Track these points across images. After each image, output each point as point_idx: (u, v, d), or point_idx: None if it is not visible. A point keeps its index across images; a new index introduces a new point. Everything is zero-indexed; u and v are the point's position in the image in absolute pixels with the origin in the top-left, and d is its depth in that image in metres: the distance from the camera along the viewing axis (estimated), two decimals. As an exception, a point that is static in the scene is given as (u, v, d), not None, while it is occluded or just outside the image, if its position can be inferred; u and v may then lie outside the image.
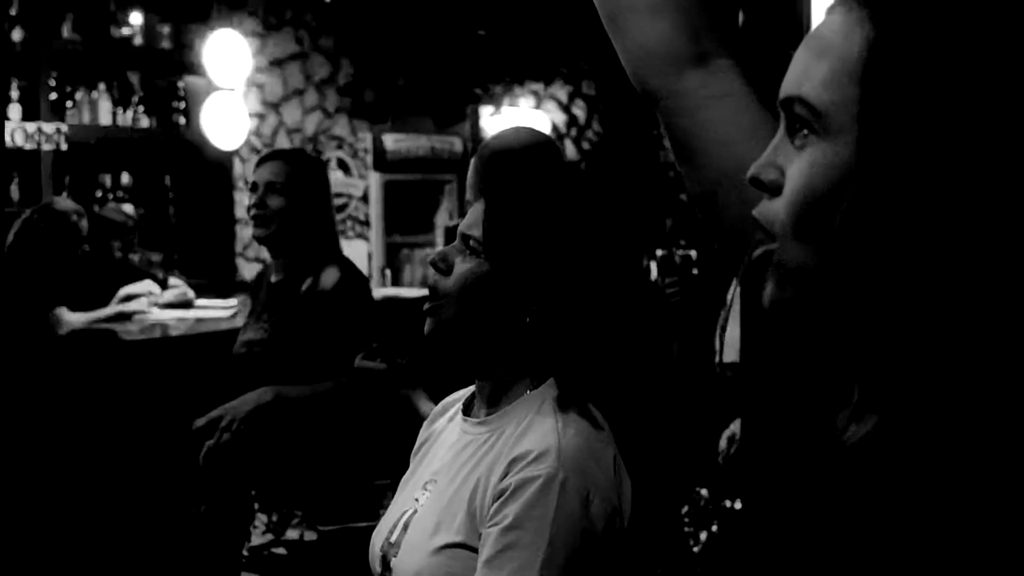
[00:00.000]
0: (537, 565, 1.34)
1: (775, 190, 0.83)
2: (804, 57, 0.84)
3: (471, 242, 1.54)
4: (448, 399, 1.72)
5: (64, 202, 4.67)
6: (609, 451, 1.45)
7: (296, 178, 2.94)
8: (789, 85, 0.84)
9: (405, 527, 1.52)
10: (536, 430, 1.44)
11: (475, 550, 1.42)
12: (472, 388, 1.62)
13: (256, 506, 2.93)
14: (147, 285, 4.62)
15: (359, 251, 6.70)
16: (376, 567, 1.56)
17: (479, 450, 1.49)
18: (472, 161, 2.27)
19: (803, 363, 0.88)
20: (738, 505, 2.28)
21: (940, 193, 0.75)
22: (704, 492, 2.41)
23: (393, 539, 1.53)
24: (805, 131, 0.82)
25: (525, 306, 1.49)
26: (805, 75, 0.82)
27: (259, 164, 3.01)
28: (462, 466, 1.50)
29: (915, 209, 0.76)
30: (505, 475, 1.40)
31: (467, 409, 1.61)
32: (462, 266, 1.54)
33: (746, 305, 1.03)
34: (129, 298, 4.52)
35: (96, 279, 4.57)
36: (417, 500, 1.54)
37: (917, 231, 0.76)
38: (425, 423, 1.73)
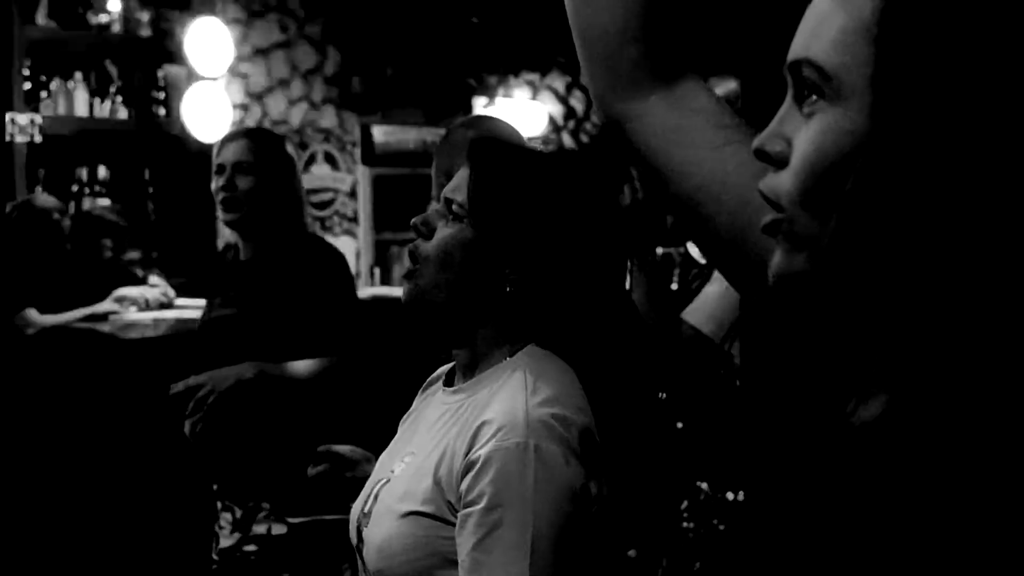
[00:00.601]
0: (528, 541, 1.37)
1: (782, 162, 0.83)
2: (813, 18, 0.82)
3: (454, 206, 1.57)
4: (439, 371, 1.76)
5: (45, 199, 4.69)
6: (583, 418, 1.49)
7: (264, 156, 2.96)
8: (797, 48, 0.83)
9: (376, 497, 1.57)
10: (505, 396, 1.47)
11: (440, 519, 1.45)
12: None
13: (219, 505, 2.94)
14: (143, 291, 4.64)
15: (347, 248, 6.73)
16: (353, 538, 1.60)
17: (452, 418, 1.53)
18: (438, 146, 2.33)
19: (809, 341, 0.88)
20: (740, 497, 2.32)
21: (960, 160, 0.74)
22: (704, 486, 2.45)
23: (366, 509, 1.57)
24: (814, 97, 0.81)
25: (506, 275, 1.53)
26: (814, 36, 0.81)
27: (223, 144, 3.01)
28: (434, 435, 1.54)
29: (932, 177, 0.75)
30: (472, 443, 1.43)
31: (449, 380, 1.66)
32: (444, 230, 1.57)
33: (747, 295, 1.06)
34: (123, 300, 4.54)
35: (83, 279, 4.58)
36: (392, 471, 1.58)
37: (933, 200, 0.75)
38: (418, 393, 1.77)
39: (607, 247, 1.60)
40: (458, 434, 1.48)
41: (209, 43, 5.92)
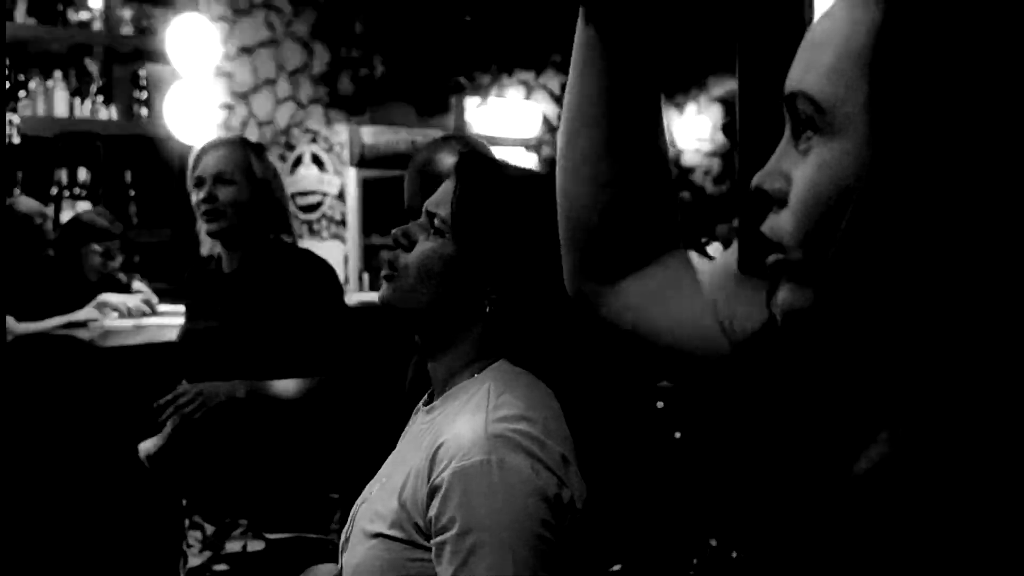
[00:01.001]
0: (508, 560, 1.37)
1: (781, 200, 0.82)
2: (807, 49, 0.82)
3: (436, 220, 1.58)
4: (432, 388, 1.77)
5: (27, 202, 4.67)
6: (552, 434, 1.48)
7: (244, 165, 2.96)
8: (791, 80, 0.82)
9: (354, 520, 1.57)
10: (467, 413, 1.47)
11: (407, 542, 1.45)
12: None
13: (187, 522, 2.91)
14: (125, 298, 4.62)
15: (334, 253, 6.72)
16: (340, 563, 1.61)
17: (420, 439, 1.54)
18: (409, 170, 2.38)
19: (813, 382, 0.87)
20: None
21: (961, 189, 0.74)
22: (713, 542, 2.44)
23: (347, 534, 1.58)
24: (809, 132, 0.80)
25: (487, 293, 1.54)
26: (807, 68, 0.81)
27: (200, 156, 3.01)
28: (405, 455, 1.55)
29: (933, 208, 0.74)
30: (432, 465, 1.43)
31: (429, 399, 1.66)
32: (425, 244, 1.58)
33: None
34: (104, 306, 4.53)
35: (65, 286, 4.57)
36: (371, 492, 1.59)
37: (934, 232, 0.74)
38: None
39: None
40: (422, 456, 1.48)
41: (193, 41, 5.91)
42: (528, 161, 7.67)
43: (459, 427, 1.45)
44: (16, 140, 5.39)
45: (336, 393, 2.90)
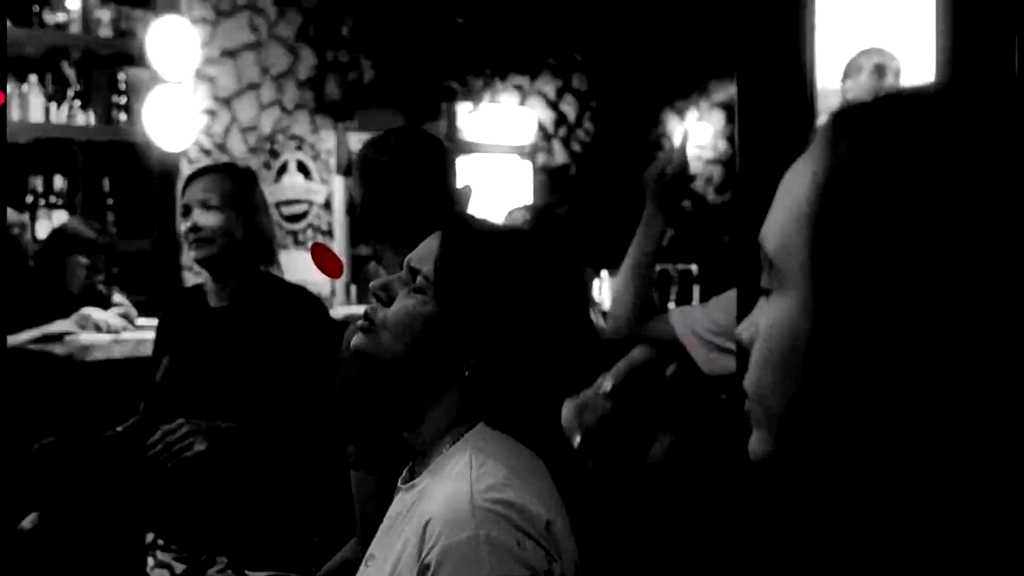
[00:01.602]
0: None
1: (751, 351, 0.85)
2: (777, 195, 0.83)
3: (418, 278, 1.57)
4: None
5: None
6: (537, 500, 1.47)
7: (230, 192, 2.96)
8: (762, 228, 0.83)
9: None
10: (450, 486, 1.47)
11: None
12: None
13: (151, 560, 2.89)
14: (106, 316, 4.61)
15: (321, 264, 6.70)
16: None
17: (406, 516, 1.53)
18: (355, 170, 2.39)
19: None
20: None
21: (905, 359, 0.73)
22: None
23: None
24: (767, 284, 0.82)
25: (465, 356, 1.53)
26: (769, 219, 0.82)
27: (188, 183, 3.02)
28: (391, 536, 1.54)
29: (876, 375, 0.74)
30: (422, 543, 1.43)
31: (409, 475, 1.65)
32: (405, 300, 1.57)
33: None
34: (86, 319, 4.52)
35: (44, 298, 4.56)
36: None
37: (879, 397, 0.74)
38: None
39: (575, 336, 1.60)
40: (411, 533, 1.48)
41: (174, 44, 5.92)
42: (522, 168, 7.68)
43: (445, 500, 1.45)
44: (-10, 146, 5.39)
45: (322, 437, 2.90)
